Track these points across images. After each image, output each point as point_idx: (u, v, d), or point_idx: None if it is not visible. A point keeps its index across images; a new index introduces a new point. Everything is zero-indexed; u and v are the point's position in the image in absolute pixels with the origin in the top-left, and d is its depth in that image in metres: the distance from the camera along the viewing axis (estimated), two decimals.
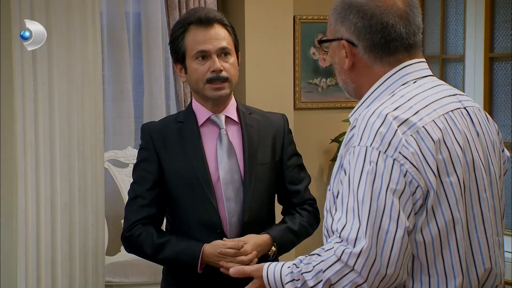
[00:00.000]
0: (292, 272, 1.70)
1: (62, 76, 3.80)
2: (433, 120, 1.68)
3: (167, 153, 2.50)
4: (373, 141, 1.63)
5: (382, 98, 1.73)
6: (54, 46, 3.77)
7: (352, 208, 1.62)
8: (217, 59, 2.45)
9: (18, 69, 3.69)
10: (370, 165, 1.62)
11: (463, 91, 4.23)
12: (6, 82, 3.70)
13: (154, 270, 3.88)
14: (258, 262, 2.38)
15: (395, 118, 1.65)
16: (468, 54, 4.38)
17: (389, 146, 1.63)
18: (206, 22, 2.46)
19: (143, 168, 2.52)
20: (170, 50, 2.57)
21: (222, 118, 2.52)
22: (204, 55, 2.45)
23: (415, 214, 1.64)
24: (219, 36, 2.46)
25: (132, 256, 3.36)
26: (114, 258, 4.33)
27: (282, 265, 1.75)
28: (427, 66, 1.81)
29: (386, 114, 1.65)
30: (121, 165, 4.47)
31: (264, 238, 2.46)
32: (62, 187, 3.81)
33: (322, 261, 1.64)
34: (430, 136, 1.66)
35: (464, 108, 1.78)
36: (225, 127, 2.51)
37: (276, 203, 2.64)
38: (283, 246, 2.51)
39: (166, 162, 2.49)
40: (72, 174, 3.84)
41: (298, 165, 2.61)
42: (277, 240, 2.47)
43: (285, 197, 2.63)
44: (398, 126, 1.64)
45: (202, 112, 2.52)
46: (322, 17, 4.76)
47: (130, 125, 4.71)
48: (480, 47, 4.31)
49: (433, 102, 1.72)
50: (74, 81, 3.84)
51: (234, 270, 1.91)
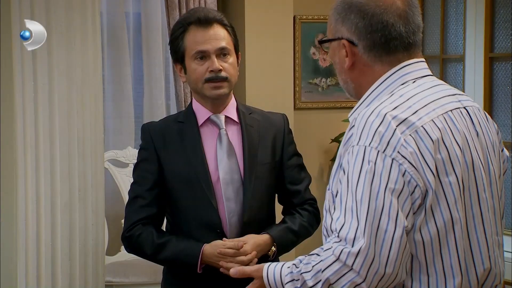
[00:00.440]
0: (291, 272, 1.71)
1: (62, 76, 3.80)
2: (432, 119, 1.68)
3: (167, 153, 2.50)
4: (371, 140, 1.63)
5: (382, 98, 1.73)
6: (54, 46, 3.76)
7: (350, 207, 1.62)
8: (216, 59, 2.45)
9: (18, 69, 3.69)
10: (368, 164, 1.62)
11: (463, 91, 4.23)
12: (6, 82, 3.70)
13: (154, 270, 3.88)
14: (259, 262, 2.38)
15: (394, 118, 1.65)
16: (468, 54, 4.37)
17: (387, 145, 1.63)
18: (205, 22, 2.46)
19: (143, 168, 2.52)
20: (170, 50, 2.58)
21: (222, 118, 2.52)
22: (203, 55, 2.45)
23: (414, 214, 1.64)
24: (218, 36, 2.46)
25: (132, 256, 3.35)
26: (114, 258, 4.33)
27: (282, 265, 1.76)
28: (427, 66, 1.82)
29: (385, 114, 1.65)
30: (121, 165, 4.47)
31: (264, 238, 2.46)
32: (62, 187, 3.80)
33: (321, 261, 1.65)
34: (429, 135, 1.66)
35: (464, 107, 1.78)
36: (225, 127, 2.51)
37: (276, 203, 2.64)
38: (283, 246, 2.51)
39: (166, 162, 2.50)
40: (72, 174, 3.84)
41: (298, 165, 2.61)
42: (277, 240, 2.47)
43: (285, 197, 2.62)
44: (397, 126, 1.64)
45: (202, 112, 2.53)
46: (322, 17, 4.76)
47: (130, 125, 4.70)
48: (480, 47, 4.30)
49: (432, 102, 1.72)
50: (74, 81, 3.83)
51: (234, 270, 1.92)
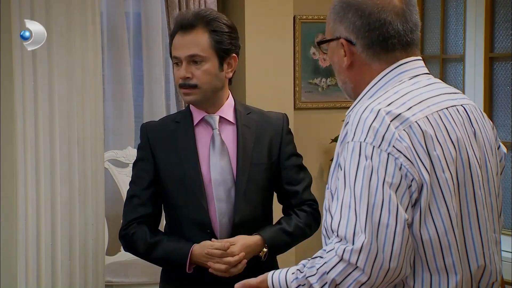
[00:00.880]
0: (297, 278, 1.69)
1: (62, 76, 3.80)
2: (426, 116, 1.69)
3: (162, 152, 2.51)
4: (366, 136, 1.63)
5: (378, 95, 1.73)
6: (54, 46, 3.77)
7: (348, 203, 1.62)
8: (186, 66, 2.43)
9: (18, 69, 3.69)
10: (366, 160, 1.62)
11: (463, 91, 4.23)
12: (6, 82, 3.70)
13: (154, 270, 3.86)
14: (250, 264, 2.39)
15: (388, 113, 1.65)
16: (468, 54, 4.37)
17: (382, 140, 1.63)
18: (186, 27, 2.43)
19: (140, 167, 2.54)
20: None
21: (216, 118, 2.51)
22: (177, 61, 2.46)
23: (413, 207, 1.64)
24: (193, 43, 2.42)
25: (132, 256, 3.33)
26: (114, 258, 4.33)
27: (286, 272, 1.74)
28: (423, 64, 1.82)
29: (379, 110, 1.66)
30: (121, 165, 4.47)
31: (254, 239, 2.44)
32: (62, 187, 3.80)
33: (325, 263, 1.64)
34: (422, 131, 1.66)
35: (461, 105, 1.77)
36: (218, 128, 2.50)
37: (275, 203, 2.62)
38: (276, 247, 2.48)
39: (161, 162, 2.50)
40: (72, 174, 3.84)
41: (297, 165, 2.58)
42: (268, 241, 2.45)
43: (283, 197, 2.61)
44: (390, 121, 1.64)
45: (197, 112, 2.53)
46: (322, 17, 4.76)
47: (130, 125, 4.70)
48: (480, 47, 4.30)
49: (427, 99, 1.72)
50: (74, 81, 3.83)
51: (240, 285, 1.86)
